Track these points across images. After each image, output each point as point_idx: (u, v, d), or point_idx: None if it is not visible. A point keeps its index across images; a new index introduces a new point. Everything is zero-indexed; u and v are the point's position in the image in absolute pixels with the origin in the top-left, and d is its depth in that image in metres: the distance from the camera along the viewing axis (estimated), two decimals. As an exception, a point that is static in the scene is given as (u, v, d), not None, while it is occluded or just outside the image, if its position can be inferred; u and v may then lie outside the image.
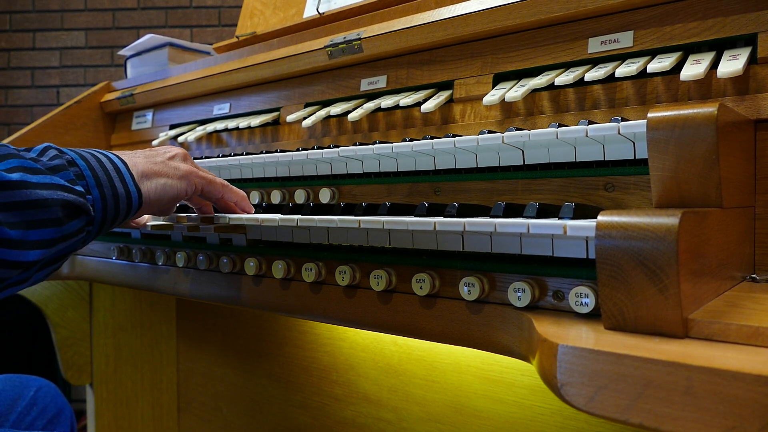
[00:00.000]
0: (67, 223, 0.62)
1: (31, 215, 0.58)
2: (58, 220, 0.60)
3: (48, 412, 1.07)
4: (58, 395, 1.12)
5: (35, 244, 0.59)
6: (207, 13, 3.04)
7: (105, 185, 0.67)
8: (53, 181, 0.61)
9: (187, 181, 0.78)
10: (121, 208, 0.69)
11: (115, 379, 1.74)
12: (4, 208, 0.56)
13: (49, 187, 0.60)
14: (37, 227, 0.58)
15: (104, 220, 0.68)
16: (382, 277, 0.76)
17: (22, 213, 0.57)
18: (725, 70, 0.69)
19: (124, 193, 0.69)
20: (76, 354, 1.66)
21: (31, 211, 0.58)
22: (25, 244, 0.57)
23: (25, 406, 1.04)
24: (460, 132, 0.97)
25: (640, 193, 0.72)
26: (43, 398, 1.08)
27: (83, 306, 1.68)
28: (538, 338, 0.54)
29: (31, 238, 0.58)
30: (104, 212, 0.67)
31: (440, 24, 0.99)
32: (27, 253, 0.58)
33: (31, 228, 0.58)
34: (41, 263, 0.62)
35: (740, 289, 0.59)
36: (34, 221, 0.58)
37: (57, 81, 3.08)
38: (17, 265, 0.58)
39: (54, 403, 1.09)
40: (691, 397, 0.41)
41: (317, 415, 1.47)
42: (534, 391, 1.10)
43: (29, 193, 0.58)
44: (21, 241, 0.57)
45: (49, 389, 1.11)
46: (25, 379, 1.10)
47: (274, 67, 1.25)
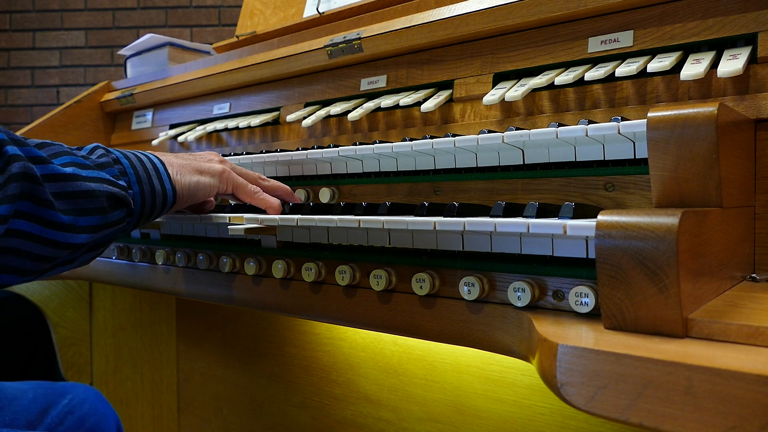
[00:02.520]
0: (111, 212, 0.70)
1: (81, 204, 0.67)
2: (103, 209, 0.69)
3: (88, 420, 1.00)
4: (99, 401, 1.05)
5: (84, 229, 0.67)
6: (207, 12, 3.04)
7: (144, 182, 0.75)
8: (100, 175, 0.70)
9: (219, 178, 0.85)
10: (157, 203, 0.77)
11: (115, 379, 1.74)
12: (59, 197, 0.65)
13: (96, 180, 0.69)
14: (86, 215, 0.67)
15: (142, 213, 0.76)
16: (382, 277, 0.76)
17: (74, 202, 0.66)
18: (725, 70, 0.69)
19: (161, 190, 0.77)
20: (76, 354, 1.66)
21: (81, 200, 0.66)
22: (75, 228, 0.66)
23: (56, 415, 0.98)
24: (460, 132, 0.97)
25: (640, 192, 0.72)
26: (81, 405, 1.01)
27: (83, 306, 1.68)
28: (538, 338, 0.54)
29: (80, 224, 0.66)
30: (143, 206, 0.75)
31: (440, 24, 0.99)
32: (76, 236, 0.66)
33: (80, 215, 0.66)
34: (87, 246, 0.69)
35: (740, 289, 0.59)
36: (83, 209, 0.67)
37: (57, 81, 3.08)
38: (67, 246, 0.66)
39: (94, 411, 1.02)
40: (691, 397, 0.41)
41: (317, 415, 1.47)
42: (534, 391, 1.10)
43: (80, 185, 0.67)
44: (72, 225, 0.65)
45: (88, 395, 1.04)
46: (60, 387, 1.04)
47: (274, 66, 1.25)
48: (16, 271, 0.64)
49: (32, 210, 0.62)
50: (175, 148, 1.51)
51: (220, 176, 0.85)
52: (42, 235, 0.63)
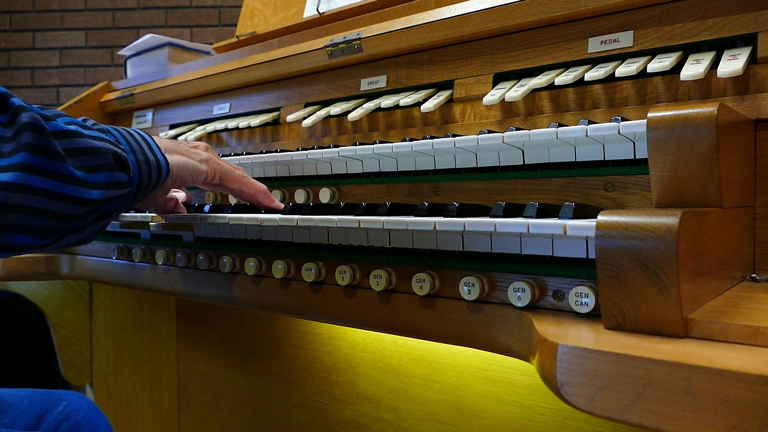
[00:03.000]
0: (117, 171, 0.69)
1: (90, 160, 0.66)
2: (111, 166, 0.68)
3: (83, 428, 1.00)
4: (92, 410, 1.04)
5: (96, 185, 0.66)
6: (207, 13, 3.04)
7: (138, 152, 0.74)
8: (102, 136, 0.70)
9: (207, 165, 0.85)
10: (153, 174, 0.76)
11: (115, 379, 1.74)
12: (69, 153, 0.64)
13: (100, 139, 0.68)
14: (96, 171, 0.66)
15: (140, 183, 0.74)
16: (382, 277, 0.76)
17: (83, 158, 0.65)
18: (725, 70, 0.69)
19: (155, 161, 0.76)
20: (76, 354, 1.66)
21: (89, 156, 0.66)
22: (87, 183, 0.65)
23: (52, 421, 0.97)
24: (460, 132, 0.97)
25: (640, 192, 0.72)
26: (75, 414, 1.00)
27: (83, 306, 1.68)
28: (538, 338, 0.54)
29: (91, 180, 0.66)
30: (140, 175, 0.73)
31: (440, 24, 0.99)
32: (90, 191, 0.65)
33: (91, 171, 0.66)
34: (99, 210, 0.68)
35: (740, 289, 0.59)
36: (93, 166, 0.66)
37: (57, 81, 3.08)
38: (83, 202, 0.65)
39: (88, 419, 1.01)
40: (691, 397, 0.41)
41: (317, 415, 1.47)
42: (534, 391, 1.10)
43: (86, 141, 0.66)
44: (85, 180, 0.65)
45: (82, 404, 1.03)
46: (55, 394, 1.04)
47: (274, 67, 1.25)
48: (33, 231, 0.62)
49: (44, 164, 0.60)
50: (175, 148, 1.51)
51: (207, 162, 0.85)
52: (56, 190, 0.62)
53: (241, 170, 0.90)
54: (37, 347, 2.58)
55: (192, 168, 0.82)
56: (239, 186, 0.88)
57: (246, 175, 0.89)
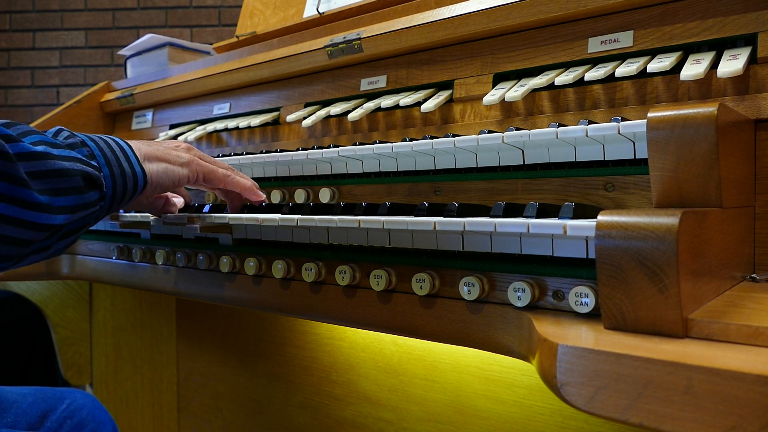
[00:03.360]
0: (86, 192, 0.68)
1: (57, 183, 0.64)
2: (79, 188, 0.67)
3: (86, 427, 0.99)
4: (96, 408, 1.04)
5: (61, 210, 0.65)
6: (207, 12, 3.04)
7: (114, 164, 0.73)
8: (72, 154, 0.67)
9: (189, 168, 0.83)
10: (128, 187, 0.75)
11: (115, 379, 1.74)
12: (34, 176, 0.62)
13: (69, 159, 0.66)
14: (62, 194, 0.65)
15: (114, 196, 0.73)
16: (382, 277, 0.76)
17: (49, 181, 0.63)
18: (725, 70, 0.69)
19: (131, 173, 0.74)
20: (76, 354, 1.66)
21: (56, 179, 0.64)
22: (52, 208, 0.63)
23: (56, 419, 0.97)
24: (460, 132, 0.97)
25: (640, 192, 0.72)
26: (79, 411, 1.00)
27: (83, 306, 1.68)
28: (538, 338, 0.54)
29: (57, 203, 0.64)
30: (114, 189, 0.72)
31: (440, 24, 0.99)
32: (54, 217, 0.64)
33: (57, 195, 0.64)
34: (64, 230, 0.67)
35: (740, 289, 0.59)
36: (59, 189, 0.64)
37: (57, 81, 3.08)
38: (46, 228, 0.64)
39: (92, 417, 1.01)
40: (691, 397, 0.41)
41: (317, 415, 1.47)
42: (534, 391, 1.10)
43: (53, 164, 0.64)
44: (49, 205, 0.63)
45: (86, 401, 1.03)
46: (58, 392, 1.03)
47: (274, 66, 1.25)
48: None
49: (7, 190, 0.59)
50: (175, 148, 1.51)
51: (189, 166, 0.83)
52: (19, 216, 0.60)
53: (226, 167, 0.89)
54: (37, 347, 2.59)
55: (172, 174, 0.81)
56: (224, 185, 0.88)
57: (230, 174, 0.88)
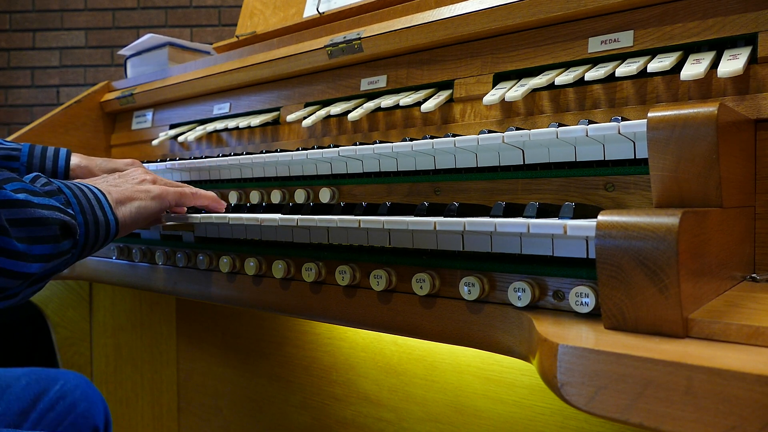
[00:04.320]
0: (62, 241, 0.68)
1: (35, 232, 0.64)
2: (56, 237, 0.67)
3: (78, 406, 1.03)
4: (89, 388, 1.07)
5: (37, 258, 0.65)
6: (207, 12, 3.04)
7: (88, 212, 0.73)
8: (51, 203, 0.68)
9: (160, 200, 0.86)
10: (101, 234, 0.75)
11: (115, 379, 1.74)
12: (14, 224, 0.62)
13: (48, 207, 0.67)
14: (39, 243, 0.65)
15: (86, 244, 0.73)
16: (382, 277, 0.76)
17: (28, 229, 0.63)
18: (725, 70, 0.69)
19: (104, 221, 0.75)
20: (76, 354, 1.66)
21: (34, 227, 0.64)
22: (28, 257, 0.63)
23: (49, 401, 1.00)
24: (460, 132, 0.97)
25: (641, 192, 0.72)
26: (72, 392, 1.04)
27: (83, 306, 1.68)
28: (538, 338, 0.54)
29: (33, 252, 0.64)
30: (86, 237, 0.73)
31: (440, 24, 0.99)
32: (30, 265, 0.64)
33: (34, 243, 0.64)
34: (35, 277, 0.67)
35: (740, 289, 0.59)
36: (37, 237, 0.64)
37: (57, 81, 3.08)
38: (21, 276, 0.64)
39: (85, 397, 1.05)
40: (691, 397, 0.41)
41: (317, 415, 1.47)
42: (534, 391, 1.10)
43: (33, 212, 0.64)
44: (26, 254, 0.63)
45: (79, 382, 1.07)
46: (52, 373, 1.06)
47: (274, 66, 1.25)
48: None
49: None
50: (175, 148, 1.51)
51: (160, 198, 0.86)
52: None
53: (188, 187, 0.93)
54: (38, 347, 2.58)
55: (145, 211, 0.83)
56: (193, 203, 0.92)
57: (195, 191, 0.93)
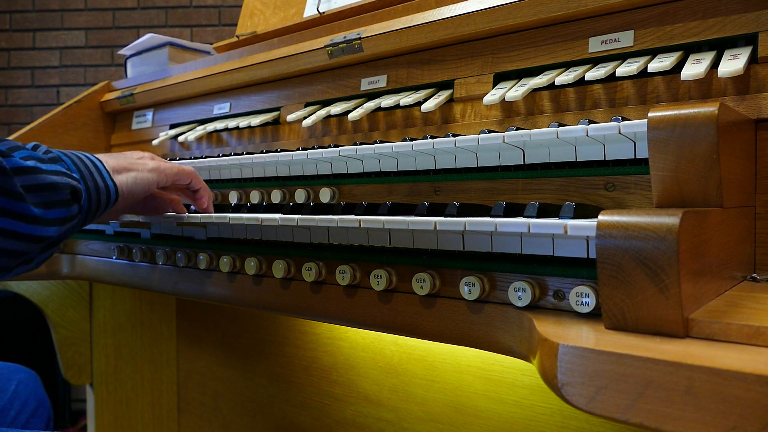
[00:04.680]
0: (72, 205, 0.70)
1: (48, 197, 0.66)
2: (66, 201, 0.69)
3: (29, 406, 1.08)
4: (38, 388, 1.13)
5: (52, 222, 0.66)
6: (207, 12, 3.04)
7: (89, 179, 0.74)
8: (58, 169, 0.69)
9: (157, 173, 0.86)
10: (102, 200, 0.76)
11: (115, 379, 1.74)
12: (28, 190, 0.64)
13: (57, 173, 0.68)
14: (53, 207, 0.67)
15: (89, 210, 0.75)
16: (383, 277, 0.76)
17: (42, 194, 0.65)
18: (726, 70, 0.69)
19: (104, 187, 0.76)
20: (76, 354, 1.66)
21: (47, 193, 0.66)
22: (44, 221, 0.65)
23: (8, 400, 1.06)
24: (461, 131, 0.97)
25: (641, 192, 0.72)
26: (24, 390, 1.09)
27: (83, 306, 1.68)
28: (538, 338, 0.54)
29: (49, 216, 0.66)
30: (89, 202, 0.74)
31: (440, 23, 0.99)
32: (47, 229, 0.66)
33: (49, 208, 0.66)
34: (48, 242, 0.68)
35: (741, 289, 0.59)
36: (50, 202, 0.66)
37: (57, 81, 3.08)
38: (39, 240, 0.66)
39: (34, 397, 1.10)
40: (691, 397, 0.41)
41: (317, 415, 1.47)
42: (534, 391, 1.10)
43: (44, 178, 0.66)
44: (42, 218, 0.65)
45: (29, 382, 1.12)
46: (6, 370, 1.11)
47: (274, 66, 1.25)
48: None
49: (6, 205, 0.61)
50: (175, 148, 1.51)
51: (157, 171, 0.86)
52: (16, 230, 0.63)
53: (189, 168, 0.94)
54: (38, 347, 2.59)
55: (142, 181, 0.84)
56: (190, 180, 0.92)
57: (194, 171, 0.93)
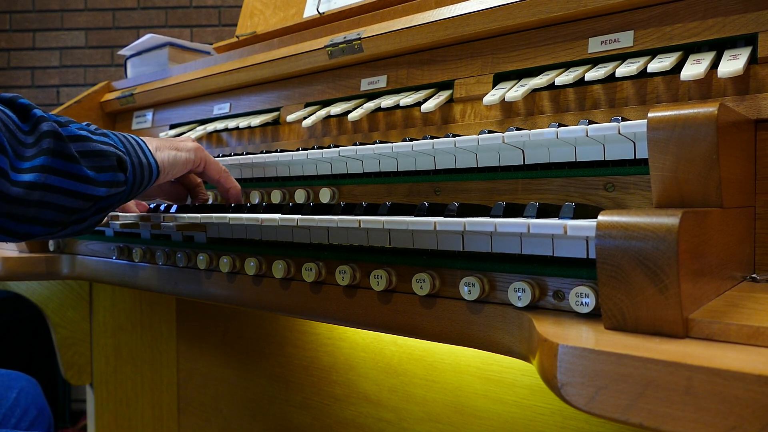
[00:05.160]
0: (119, 172, 0.77)
1: (99, 162, 0.74)
2: (114, 167, 0.76)
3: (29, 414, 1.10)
4: (38, 396, 1.15)
5: (103, 183, 0.75)
6: (207, 12, 3.04)
7: (133, 155, 0.81)
8: (105, 140, 0.78)
9: (194, 153, 0.92)
10: (145, 176, 0.83)
11: (115, 379, 1.74)
12: (82, 155, 0.72)
13: (105, 143, 0.77)
14: (103, 171, 0.75)
15: (134, 183, 0.81)
16: (383, 277, 0.76)
17: (92, 159, 0.74)
18: (725, 70, 0.69)
19: (147, 163, 0.83)
20: (76, 354, 1.66)
21: (98, 158, 0.74)
22: (96, 182, 0.74)
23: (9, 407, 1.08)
24: (461, 132, 0.97)
25: (641, 192, 0.72)
26: (25, 399, 1.11)
27: (83, 306, 1.68)
28: (538, 338, 0.54)
29: (100, 178, 0.74)
30: (134, 175, 0.81)
31: (440, 24, 0.99)
32: (98, 189, 0.74)
33: (100, 171, 0.74)
34: (99, 204, 0.76)
35: (740, 289, 0.59)
36: (101, 166, 0.75)
37: (57, 81, 3.08)
38: (92, 198, 0.74)
39: (35, 405, 1.12)
40: (691, 397, 0.41)
41: (317, 415, 1.47)
42: (534, 391, 1.10)
43: (95, 145, 0.75)
44: (95, 179, 0.73)
45: (30, 390, 1.14)
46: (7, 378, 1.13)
47: (274, 67, 1.25)
48: (47, 223, 0.71)
49: (62, 166, 0.70)
50: (175, 148, 1.51)
51: (195, 151, 0.92)
52: (71, 188, 0.71)
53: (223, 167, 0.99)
54: (38, 347, 2.59)
55: (181, 160, 0.90)
56: (218, 176, 0.97)
57: (226, 170, 0.98)
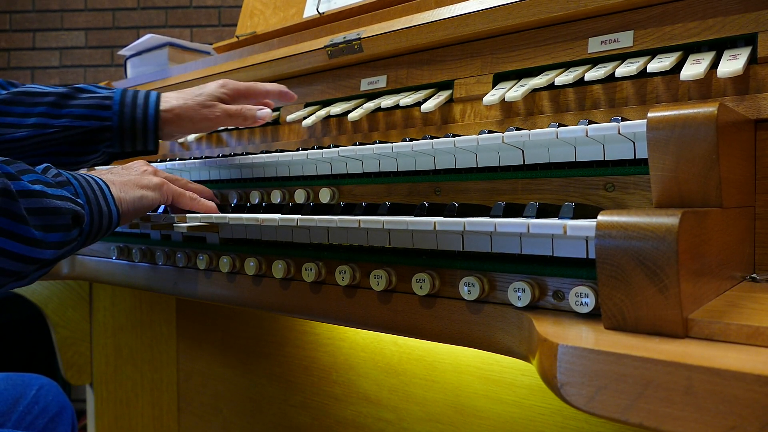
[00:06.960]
0: (72, 229, 0.72)
1: (50, 221, 0.68)
2: (67, 226, 0.71)
3: (50, 410, 1.09)
4: (59, 394, 1.14)
5: (51, 245, 0.69)
6: (207, 13, 3.04)
7: (93, 203, 0.77)
8: (63, 193, 0.72)
9: (160, 191, 0.89)
10: (104, 224, 0.80)
11: (115, 379, 1.74)
12: (31, 213, 0.66)
13: (61, 198, 0.71)
14: (53, 231, 0.69)
15: (90, 233, 0.78)
16: (382, 277, 0.76)
17: (44, 218, 0.67)
18: (725, 70, 0.69)
19: (107, 211, 0.80)
20: (76, 354, 1.66)
21: (49, 216, 0.68)
22: (44, 244, 0.68)
23: (26, 405, 1.06)
24: (460, 132, 0.97)
25: (641, 192, 0.72)
26: (45, 397, 1.10)
27: (83, 306, 1.68)
28: (538, 338, 0.54)
29: (48, 240, 0.68)
30: (91, 226, 0.77)
31: (440, 24, 0.99)
32: (45, 251, 0.68)
33: (49, 231, 0.68)
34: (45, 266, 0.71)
35: (740, 289, 0.59)
36: (51, 225, 0.68)
37: (57, 81, 3.08)
38: (36, 262, 0.68)
39: (56, 402, 1.11)
40: (691, 397, 0.41)
41: (317, 415, 1.47)
42: (534, 391, 1.10)
43: (49, 202, 0.68)
44: (42, 241, 0.67)
45: (51, 388, 1.13)
46: (27, 378, 1.12)
47: (274, 66, 1.25)
48: None
49: (8, 226, 0.64)
50: (175, 148, 1.51)
51: (160, 189, 0.89)
52: (15, 251, 0.65)
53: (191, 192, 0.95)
54: (38, 347, 2.59)
55: (146, 203, 0.87)
56: (191, 208, 0.93)
57: (196, 199, 0.94)
